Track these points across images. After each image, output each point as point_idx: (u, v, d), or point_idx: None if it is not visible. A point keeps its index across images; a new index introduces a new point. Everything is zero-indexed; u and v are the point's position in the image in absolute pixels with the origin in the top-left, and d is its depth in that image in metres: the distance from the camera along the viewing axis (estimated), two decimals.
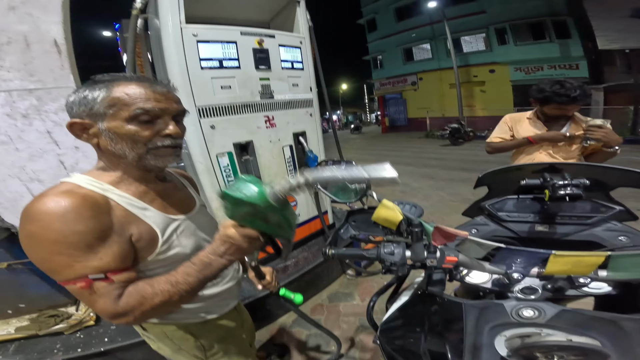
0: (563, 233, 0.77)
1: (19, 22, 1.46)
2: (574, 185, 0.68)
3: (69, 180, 0.58)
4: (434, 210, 3.83)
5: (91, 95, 0.57)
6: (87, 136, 0.60)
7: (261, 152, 1.90)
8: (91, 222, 0.51)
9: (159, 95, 0.61)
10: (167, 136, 0.61)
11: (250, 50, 1.77)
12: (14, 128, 1.47)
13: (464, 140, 10.75)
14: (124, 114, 0.57)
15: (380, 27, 18.48)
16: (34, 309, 1.75)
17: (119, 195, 0.60)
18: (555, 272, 0.55)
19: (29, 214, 0.50)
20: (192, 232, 0.72)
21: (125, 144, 0.59)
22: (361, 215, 0.81)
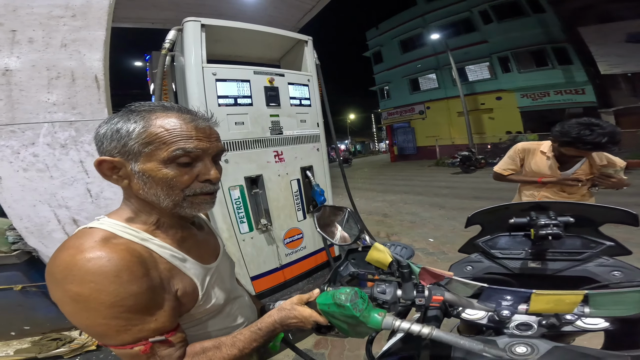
0: (555, 269, 0.79)
1: (69, 58, 1.63)
2: (554, 224, 0.72)
3: (100, 227, 0.51)
4: (445, 240, 3.72)
5: (125, 128, 0.50)
6: (116, 177, 0.53)
7: (270, 186, 2.00)
8: (144, 281, 0.47)
9: (201, 133, 0.54)
10: (207, 181, 0.55)
11: (262, 89, 1.93)
12: (52, 157, 1.58)
13: (476, 168, 10.61)
14: (162, 154, 0.50)
15: (386, 59, 19.38)
16: (37, 332, 1.76)
17: (159, 245, 0.55)
18: (539, 310, 0.57)
19: (72, 272, 0.43)
20: (222, 279, 0.67)
21: (160, 190, 0.52)
22: (360, 253, 0.86)
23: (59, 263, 0.44)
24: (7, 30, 1.55)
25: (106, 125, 0.52)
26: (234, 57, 2.35)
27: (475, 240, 0.90)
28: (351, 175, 13.40)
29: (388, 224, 4.77)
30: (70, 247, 0.46)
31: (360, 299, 0.53)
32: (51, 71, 1.60)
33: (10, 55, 1.54)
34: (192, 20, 1.73)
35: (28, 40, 1.57)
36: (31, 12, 1.61)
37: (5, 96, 1.52)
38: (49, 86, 1.59)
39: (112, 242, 0.48)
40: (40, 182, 1.56)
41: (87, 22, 1.69)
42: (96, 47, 1.69)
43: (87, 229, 0.51)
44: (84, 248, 0.45)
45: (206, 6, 3.98)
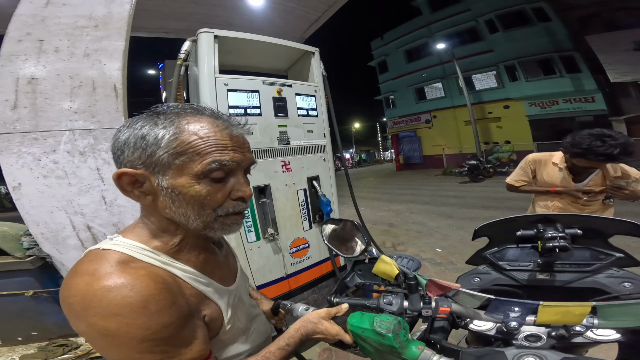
0: (564, 280, 0.78)
1: (90, 67, 1.68)
2: (562, 237, 0.72)
3: (114, 248, 0.45)
4: (454, 251, 3.66)
5: (153, 135, 0.43)
6: (138, 193, 0.46)
7: (277, 196, 2.02)
8: (174, 310, 0.42)
9: (236, 142, 0.48)
10: (240, 199, 0.50)
11: (271, 99, 1.97)
12: (71, 164, 1.61)
13: (484, 177, 10.48)
14: (195, 167, 0.44)
15: (391, 68, 19.56)
16: (44, 338, 1.77)
17: (182, 270, 0.49)
18: (547, 321, 0.57)
19: (92, 303, 0.38)
20: (242, 300, 0.63)
21: (190, 209, 0.46)
22: (366, 265, 0.87)
23: (76, 292, 0.39)
24: (35, 40, 1.63)
25: (128, 130, 0.45)
26: (244, 67, 2.42)
27: (483, 252, 0.90)
28: (356, 184, 13.37)
29: (394, 234, 4.73)
30: (84, 273, 0.41)
31: (403, 330, 0.52)
32: (74, 80, 1.66)
33: (37, 64, 1.61)
34: (206, 32, 1.80)
35: (54, 49, 1.65)
36: (58, 22, 1.69)
37: (30, 104, 1.58)
38: (71, 95, 1.65)
39: (131, 266, 0.43)
40: (58, 189, 1.60)
41: (108, 32, 1.76)
42: (116, 56, 1.75)
43: (100, 251, 0.44)
44: (101, 274, 0.40)
45: (217, 17, 4.15)
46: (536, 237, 0.78)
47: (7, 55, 1.60)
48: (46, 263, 1.69)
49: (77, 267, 0.43)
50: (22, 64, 1.61)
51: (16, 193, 1.56)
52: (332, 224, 0.90)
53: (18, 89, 1.58)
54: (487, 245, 0.91)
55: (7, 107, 1.55)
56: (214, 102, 1.76)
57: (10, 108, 1.55)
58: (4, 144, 1.54)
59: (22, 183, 1.56)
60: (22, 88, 1.58)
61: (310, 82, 2.31)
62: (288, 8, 4.24)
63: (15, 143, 1.55)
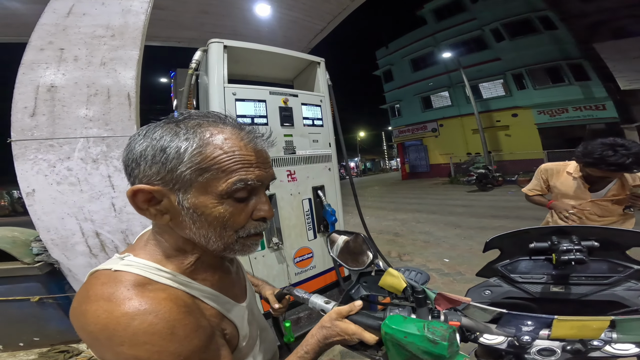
0: (580, 293, 0.75)
1: (106, 76, 1.72)
2: (577, 250, 0.69)
3: (126, 269, 0.41)
4: (462, 261, 3.56)
5: (175, 147, 0.39)
6: (154, 211, 0.42)
7: (282, 205, 2.02)
8: (201, 333, 0.40)
9: (260, 158, 0.45)
10: (261, 219, 0.47)
11: (277, 109, 1.99)
12: (84, 171, 1.64)
13: (493, 186, 10.32)
14: (220, 186, 0.40)
15: (397, 77, 19.64)
16: (46, 344, 1.78)
17: (200, 290, 0.46)
18: (562, 336, 0.55)
19: (116, 332, 0.35)
20: (253, 315, 0.61)
21: (212, 231, 0.43)
22: (372, 277, 0.85)
23: (95, 320, 0.36)
24: (56, 49, 1.69)
25: (145, 141, 0.40)
26: (251, 77, 2.46)
27: (494, 264, 0.88)
28: (361, 193, 13.28)
29: (400, 244, 4.65)
30: (99, 299, 0.37)
31: (456, 340, 0.49)
32: (90, 88, 1.71)
33: (57, 72, 1.67)
34: (216, 42, 1.85)
35: (74, 58, 1.71)
36: (78, 32, 1.75)
37: (49, 111, 1.63)
38: (87, 102, 1.70)
39: (149, 289, 0.39)
40: (70, 196, 1.63)
41: (123, 41, 1.83)
42: (130, 65, 1.81)
43: (112, 273, 0.41)
44: (119, 300, 0.37)
45: (226, 27, 4.29)
46: (550, 249, 0.76)
47: (28, 63, 1.67)
48: (54, 269, 1.71)
49: (88, 290, 0.39)
50: (43, 72, 1.67)
51: (29, 199, 1.60)
52: (339, 236, 0.89)
53: (38, 96, 1.63)
54: (498, 257, 0.89)
55: (26, 114, 1.61)
56: (223, 112, 1.79)
57: (29, 115, 1.61)
58: (20, 150, 1.58)
59: (36, 189, 1.60)
60: (41, 96, 1.64)
61: (316, 91, 2.33)
62: (294, 18, 4.36)
63: (32, 150, 1.59)
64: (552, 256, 0.75)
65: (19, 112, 1.61)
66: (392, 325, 0.52)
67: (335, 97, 2.43)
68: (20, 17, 3.17)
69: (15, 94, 1.61)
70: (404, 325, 0.51)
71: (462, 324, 0.60)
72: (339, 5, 4.25)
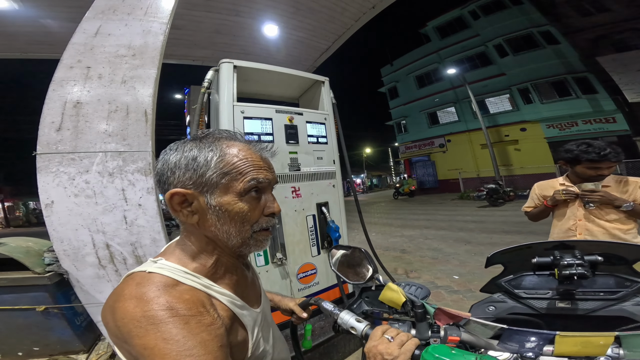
0: (587, 309, 0.73)
1: (126, 94, 1.81)
2: (579, 264, 0.68)
3: (159, 271, 0.46)
4: (473, 278, 3.45)
5: (203, 157, 0.48)
6: (187, 212, 0.49)
7: (287, 221, 2.02)
8: (212, 330, 0.43)
9: (265, 163, 0.54)
10: (271, 215, 0.54)
11: (283, 127, 2.05)
12: (100, 184, 1.69)
13: (504, 201, 10.11)
14: (238, 185, 0.48)
15: (402, 94, 19.87)
16: (45, 354, 1.76)
17: (220, 293, 0.51)
18: (566, 353, 0.53)
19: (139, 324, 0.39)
20: (267, 322, 0.63)
21: (233, 226, 0.49)
22: (374, 292, 0.85)
23: (123, 315, 0.41)
24: (83, 67, 1.81)
25: (177, 154, 0.49)
26: (258, 95, 2.56)
27: (498, 280, 0.87)
28: (367, 209, 13.20)
29: (407, 260, 4.55)
30: (132, 297, 0.42)
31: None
32: (111, 105, 1.80)
33: (83, 89, 1.77)
34: (226, 62, 1.95)
35: (98, 76, 1.82)
36: (103, 51, 1.88)
37: (73, 126, 1.72)
38: (108, 118, 1.78)
39: (176, 289, 0.45)
40: (86, 208, 1.68)
41: (143, 61, 1.94)
42: (148, 83, 1.89)
43: (146, 274, 0.46)
44: (148, 298, 0.42)
45: (236, 46, 4.52)
46: (552, 264, 0.75)
47: (58, 80, 1.78)
48: (62, 279, 1.73)
49: (123, 290, 0.44)
50: (71, 89, 1.77)
51: (47, 210, 1.66)
52: (339, 250, 0.90)
53: (64, 112, 1.73)
54: (501, 273, 0.88)
55: (52, 128, 1.70)
56: (232, 129, 1.86)
57: (55, 130, 1.70)
58: (44, 163, 1.66)
59: (54, 201, 1.66)
60: (68, 111, 1.73)
61: (321, 110, 2.39)
62: (300, 38, 4.57)
63: (55, 163, 1.67)
64: (554, 271, 0.74)
65: (46, 127, 1.70)
66: (437, 354, 0.47)
67: (341, 114, 2.48)
68: (55, 35, 3.44)
69: (45, 109, 1.71)
70: (451, 356, 0.46)
71: (462, 340, 0.60)
72: (343, 25, 4.44)
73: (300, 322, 0.87)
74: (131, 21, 2.04)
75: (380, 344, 0.51)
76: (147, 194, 1.82)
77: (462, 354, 0.46)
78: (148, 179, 1.83)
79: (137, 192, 1.80)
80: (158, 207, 1.87)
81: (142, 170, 1.82)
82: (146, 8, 2.11)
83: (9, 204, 27.81)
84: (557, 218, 1.70)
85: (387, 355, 0.49)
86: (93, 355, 1.80)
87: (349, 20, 4.32)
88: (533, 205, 1.81)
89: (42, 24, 3.40)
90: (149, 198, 1.83)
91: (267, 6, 3.89)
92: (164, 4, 2.17)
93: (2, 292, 1.70)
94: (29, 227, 21.65)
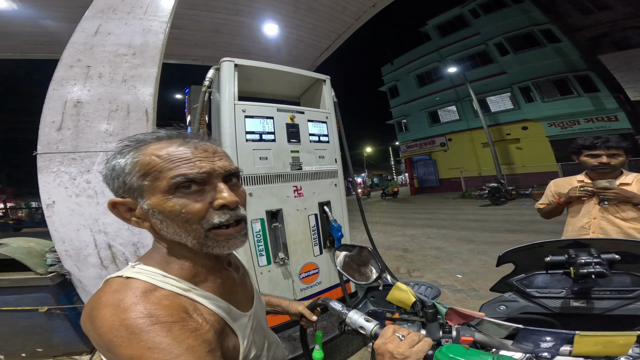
0: (604, 308, 0.70)
1: (126, 93, 1.79)
2: (597, 263, 0.66)
3: (137, 276, 0.45)
4: (476, 277, 3.42)
5: (117, 164, 0.47)
6: (136, 220, 0.48)
7: (289, 220, 2.00)
8: (198, 335, 0.42)
9: (201, 153, 0.48)
10: (223, 207, 0.47)
11: (284, 125, 2.02)
12: (101, 184, 1.62)
13: (507, 200, 10.05)
14: (161, 184, 0.45)
15: (403, 93, 19.76)
16: (49, 355, 1.77)
17: (203, 296, 0.48)
18: (585, 353, 0.51)
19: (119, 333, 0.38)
20: (260, 325, 0.61)
21: (177, 226, 0.46)
22: (380, 292, 0.83)
23: (102, 324, 0.39)
24: (84, 66, 1.80)
25: (106, 166, 0.49)
26: (259, 94, 2.54)
27: (509, 279, 0.85)
28: (368, 209, 13.13)
29: (409, 259, 4.52)
30: (109, 304, 0.41)
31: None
32: (112, 104, 1.78)
33: (83, 89, 1.76)
34: (227, 61, 1.92)
35: (98, 75, 1.81)
36: (103, 50, 1.86)
37: (74, 126, 1.71)
38: (108, 118, 1.77)
39: (154, 295, 0.43)
40: (87, 208, 1.67)
41: (143, 60, 1.92)
42: (149, 83, 1.89)
43: (124, 280, 0.45)
44: (126, 305, 0.40)
45: (237, 45, 4.51)
46: (568, 262, 0.73)
47: (59, 79, 1.77)
48: (64, 280, 1.73)
49: (101, 297, 0.43)
50: (71, 88, 1.76)
51: (49, 210, 1.64)
52: (344, 250, 0.88)
53: (65, 111, 1.72)
54: (512, 272, 0.86)
55: (53, 128, 1.69)
56: (233, 128, 1.83)
57: (55, 129, 1.69)
58: (45, 163, 1.65)
59: (56, 201, 1.65)
60: (68, 111, 1.73)
61: (322, 108, 2.37)
62: (300, 37, 4.56)
63: (56, 162, 1.66)
64: (569, 270, 0.72)
65: (47, 126, 1.69)
66: (451, 354, 0.45)
67: (342, 113, 2.46)
68: (55, 35, 3.44)
69: (45, 109, 1.70)
70: (466, 356, 0.44)
71: (475, 340, 0.58)
72: (343, 24, 4.42)
73: (310, 325, 0.85)
74: (131, 20, 2.02)
75: (391, 342, 0.49)
76: None
77: (478, 354, 0.45)
78: None
79: None
80: None
81: None
82: (146, 7, 2.10)
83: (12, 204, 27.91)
84: (571, 215, 1.68)
85: (397, 355, 0.47)
86: (96, 357, 1.80)
87: (349, 19, 4.30)
88: (547, 202, 1.78)
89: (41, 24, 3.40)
90: None
91: (268, 5, 3.88)
92: (163, 3, 2.16)
93: (5, 293, 1.70)
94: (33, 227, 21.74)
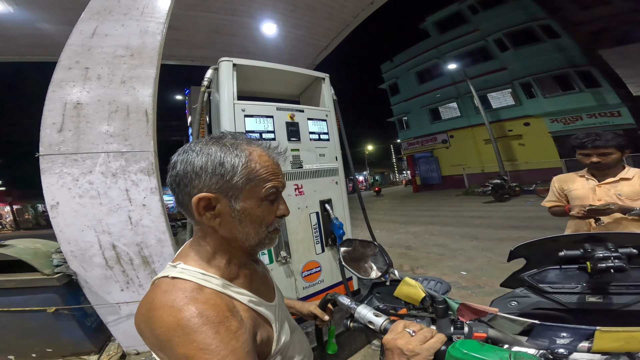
0: (622, 303, 0.68)
1: (125, 94, 1.80)
2: (615, 257, 0.64)
3: (181, 276, 0.48)
4: (481, 273, 3.41)
5: (230, 162, 0.48)
6: (210, 216, 0.50)
7: (290, 218, 1.99)
8: (240, 335, 0.44)
9: (279, 170, 0.55)
10: (281, 217, 0.56)
11: (284, 124, 2.01)
12: (104, 185, 1.69)
13: (510, 196, 10.00)
14: (260, 191, 0.50)
15: (403, 90, 19.65)
16: (58, 354, 1.78)
17: (238, 292, 0.51)
18: (606, 349, 0.50)
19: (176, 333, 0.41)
20: (285, 313, 0.65)
21: (252, 228, 0.52)
22: (386, 287, 0.81)
23: (161, 324, 0.42)
24: (82, 68, 1.80)
25: (202, 157, 0.49)
26: (259, 93, 2.53)
27: (520, 274, 0.83)
28: (370, 207, 13.13)
29: (412, 257, 4.50)
30: (164, 305, 0.43)
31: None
32: (112, 105, 1.79)
33: (82, 90, 1.77)
34: (226, 60, 1.91)
35: (97, 76, 1.81)
36: (101, 52, 1.86)
37: (74, 127, 1.71)
38: (108, 119, 1.78)
39: (202, 294, 0.46)
40: (91, 208, 1.67)
41: (142, 60, 1.92)
42: (148, 83, 1.89)
43: (170, 280, 0.48)
44: (180, 306, 0.43)
45: (236, 45, 4.50)
46: (583, 257, 0.71)
47: (58, 81, 1.77)
48: (71, 280, 1.74)
49: (154, 298, 0.45)
50: (70, 90, 1.76)
51: (53, 211, 1.65)
52: (349, 246, 0.87)
53: (65, 113, 1.73)
54: (524, 267, 0.84)
55: (54, 129, 1.70)
56: (233, 127, 1.83)
57: (56, 131, 1.69)
58: (47, 164, 1.65)
59: (59, 202, 1.65)
60: (68, 112, 1.73)
61: (322, 106, 2.35)
62: (299, 36, 4.54)
63: (58, 164, 1.66)
64: (586, 264, 0.70)
65: (48, 128, 1.69)
66: (465, 350, 0.44)
67: (342, 111, 2.44)
68: (52, 38, 3.45)
69: (45, 111, 1.71)
70: (482, 352, 0.43)
71: (488, 336, 0.56)
72: (342, 22, 4.40)
73: (325, 325, 0.85)
74: (128, 21, 2.02)
75: (401, 338, 0.48)
76: (151, 194, 1.81)
77: (493, 350, 0.43)
78: (151, 179, 1.81)
79: (141, 192, 1.78)
80: (162, 207, 1.85)
81: (145, 170, 1.80)
82: (142, 8, 2.09)
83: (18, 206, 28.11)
84: (572, 219, 1.67)
85: (407, 351, 0.46)
86: (104, 356, 1.81)
87: (347, 16, 4.28)
88: (554, 199, 1.75)
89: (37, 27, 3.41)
90: (153, 198, 1.81)
91: (265, 4, 3.86)
92: (160, 4, 2.15)
93: (12, 293, 1.71)
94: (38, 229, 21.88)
